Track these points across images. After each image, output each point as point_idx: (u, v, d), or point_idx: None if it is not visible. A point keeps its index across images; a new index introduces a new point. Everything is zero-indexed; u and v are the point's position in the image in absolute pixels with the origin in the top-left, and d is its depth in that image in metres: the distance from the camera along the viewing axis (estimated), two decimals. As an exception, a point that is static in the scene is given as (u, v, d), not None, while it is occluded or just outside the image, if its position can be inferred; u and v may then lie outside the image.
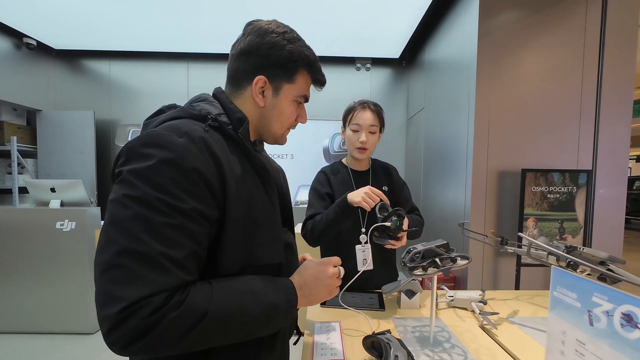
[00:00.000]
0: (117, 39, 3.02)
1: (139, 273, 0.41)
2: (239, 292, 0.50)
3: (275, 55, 0.58)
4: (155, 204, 0.43)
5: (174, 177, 0.45)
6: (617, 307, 0.46)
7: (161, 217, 0.43)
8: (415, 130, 3.18)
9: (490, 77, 1.83)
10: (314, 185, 1.20)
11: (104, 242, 0.43)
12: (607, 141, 1.83)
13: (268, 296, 0.52)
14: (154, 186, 0.44)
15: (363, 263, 1.09)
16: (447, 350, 0.76)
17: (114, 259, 0.41)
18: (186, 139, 0.48)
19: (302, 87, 0.63)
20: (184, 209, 0.45)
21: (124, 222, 0.43)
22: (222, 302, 0.47)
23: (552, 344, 0.58)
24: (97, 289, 0.42)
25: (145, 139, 0.47)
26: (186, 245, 0.45)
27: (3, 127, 2.91)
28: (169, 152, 0.46)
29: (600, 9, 1.81)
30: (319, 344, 0.78)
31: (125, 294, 0.40)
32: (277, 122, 0.63)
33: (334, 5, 2.41)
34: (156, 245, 0.42)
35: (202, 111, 0.55)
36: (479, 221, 1.86)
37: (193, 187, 0.46)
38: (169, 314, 0.41)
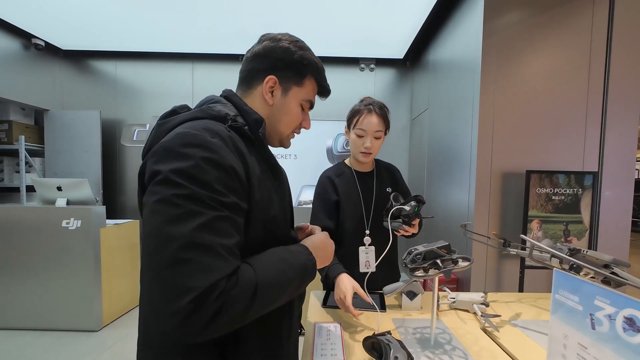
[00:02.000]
0: (123, 39, 3.06)
1: (206, 263, 0.45)
2: (274, 262, 0.55)
3: (287, 59, 0.63)
4: (206, 200, 0.47)
5: (217, 174, 0.49)
6: (619, 310, 0.46)
7: (213, 212, 0.47)
8: (419, 130, 3.17)
9: (495, 78, 1.82)
10: (319, 193, 1.16)
11: (162, 239, 0.45)
12: (614, 143, 1.81)
13: (296, 259, 0.59)
14: (201, 184, 0.47)
15: (366, 265, 1.09)
16: (448, 352, 0.75)
17: (179, 253, 0.44)
18: (219, 139, 0.52)
19: (309, 92, 0.68)
20: (228, 203, 0.49)
21: (179, 219, 0.45)
22: (265, 273, 0.52)
23: (553, 348, 0.58)
24: (161, 285, 0.44)
25: (183, 140, 0.49)
26: (234, 234, 0.50)
27: (12, 127, 2.96)
28: (208, 151, 0.49)
29: (608, 9, 1.79)
30: (319, 345, 0.78)
31: (197, 283, 0.43)
32: (284, 121, 0.67)
33: (338, 5, 2.41)
34: (213, 237, 0.46)
35: (221, 112, 0.58)
36: (483, 223, 1.85)
37: (232, 183, 0.51)
38: (231, 292, 0.46)
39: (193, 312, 0.43)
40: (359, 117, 1.09)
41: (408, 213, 0.91)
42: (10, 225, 2.22)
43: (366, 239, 1.11)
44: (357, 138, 1.10)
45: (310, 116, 0.73)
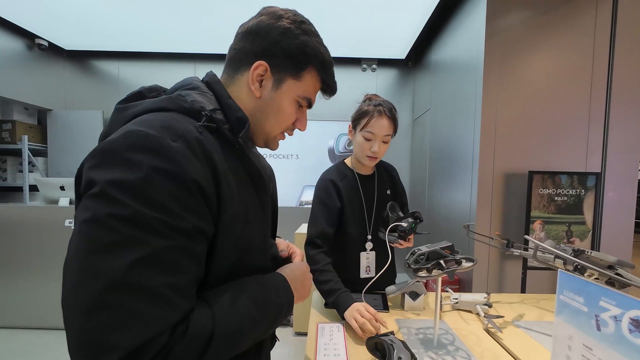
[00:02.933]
0: (126, 39, 3.07)
1: (138, 312, 0.33)
2: (239, 302, 0.45)
3: (285, 43, 0.50)
4: (152, 225, 0.36)
5: (172, 190, 0.37)
6: (625, 312, 0.46)
7: (161, 240, 0.36)
8: (421, 131, 3.17)
9: (498, 78, 1.82)
10: (322, 198, 1.09)
11: (83, 274, 0.34)
12: (617, 143, 1.80)
13: (270, 298, 0.49)
14: (148, 203, 0.36)
15: (367, 271, 1.09)
16: (451, 353, 0.75)
17: (102, 297, 0.33)
18: (182, 142, 0.40)
19: (309, 88, 0.55)
20: (185, 228, 0.38)
21: (112, 248, 0.34)
22: (225, 317, 0.42)
23: (558, 349, 0.58)
24: (76, 336, 0.33)
25: (131, 140, 0.38)
26: (189, 269, 0.39)
27: (15, 126, 2.97)
28: (164, 160, 0.38)
29: (611, 9, 1.78)
30: (322, 345, 0.78)
31: (121, 341, 0.32)
32: (272, 119, 0.54)
33: (340, 5, 2.41)
34: (156, 275, 0.35)
35: (195, 104, 0.46)
36: (485, 223, 1.84)
37: (193, 201, 0.39)
38: (175, 349, 0.35)
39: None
40: (369, 119, 1.01)
41: (405, 229, 0.91)
42: (13, 225, 2.23)
43: (368, 244, 1.09)
44: (365, 141, 1.03)
45: (311, 116, 0.64)
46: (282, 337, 2.19)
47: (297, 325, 2.23)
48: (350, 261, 1.09)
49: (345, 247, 1.09)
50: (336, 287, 0.94)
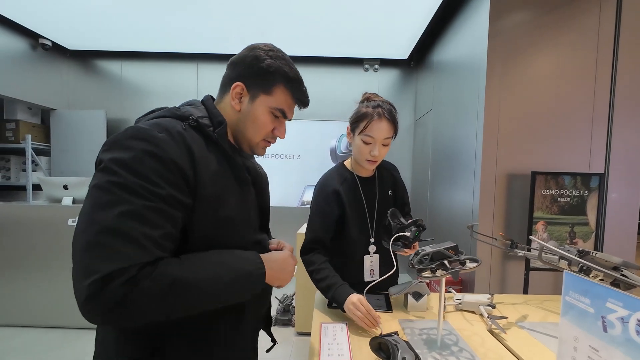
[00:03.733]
0: (129, 39, 3.08)
1: (118, 249, 0.45)
2: (208, 261, 0.55)
3: (255, 67, 0.64)
4: (137, 189, 0.48)
5: (154, 166, 0.50)
6: (632, 313, 0.45)
7: (142, 201, 0.48)
8: (423, 131, 3.16)
9: (501, 79, 1.81)
10: (320, 205, 1.06)
11: (86, 223, 0.47)
12: (621, 144, 1.79)
13: (237, 263, 0.58)
14: (136, 174, 0.48)
15: (370, 274, 1.08)
16: (454, 354, 0.75)
17: (96, 237, 0.45)
18: (166, 134, 0.53)
19: (280, 101, 0.67)
20: (162, 195, 0.50)
21: (106, 205, 0.47)
22: (192, 269, 0.52)
23: (564, 350, 0.58)
24: (75, 265, 0.46)
25: (130, 132, 0.52)
26: (164, 225, 0.50)
27: (18, 126, 2.98)
28: (150, 144, 0.51)
29: (615, 8, 1.78)
30: (326, 345, 0.78)
31: (102, 267, 0.44)
32: (250, 127, 0.67)
33: (342, 6, 2.41)
34: (136, 224, 0.47)
35: (185, 113, 0.60)
36: (488, 224, 1.84)
37: (170, 175, 0.51)
38: (141, 282, 0.46)
39: (93, 295, 0.43)
40: (368, 123, 0.97)
41: (409, 238, 0.91)
42: (16, 224, 2.24)
43: (371, 247, 1.08)
44: (364, 145, 0.99)
45: (313, 117, 0.73)
46: (283, 337, 2.20)
47: (298, 325, 2.23)
48: (354, 265, 1.07)
49: (348, 251, 1.07)
50: (332, 281, 0.95)
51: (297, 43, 3.06)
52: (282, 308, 2.41)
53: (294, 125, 3.27)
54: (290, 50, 3.28)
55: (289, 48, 3.23)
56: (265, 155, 3.30)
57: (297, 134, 3.29)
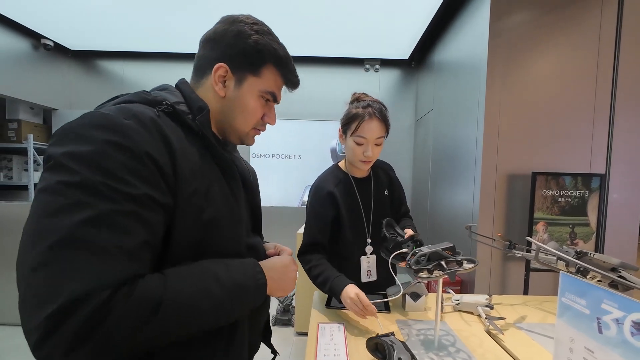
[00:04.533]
0: (131, 40, 3.09)
1: (80, 266, 0.35)
2: (198, 275, 0.45)
3: (240, 44, 0.55)
4: (101, 190, 0.37)
5: (122, 160, 0.39)
6: (627, 315, 0.45)
7: (108, 204, 0.37)
8: (423, 131, 3.16)
9: (501, 79, 1.81)
10: (315, 208, 1.05)
11: (32, 236, 0.36)
12: (622, 144, 1.79)
13: (233, 275, 0.48)
14: (98, 170, 0.38)
15: (367, 275, 1.08)
16: (452, 355, 0.75)
17: (47, 253, 0.34)
18: (134, 120, 0.42)
19: (269, 83, 0.58)
20: (136, 195, 0.40)
21: (59, 211, 0.36)
22: (179, 288, 0.41)
23: (560, 351, 0.57)
24: (22, 293, 0.35)
25: (87, 119, 0.41)
26: (139, 233, 0.40)
27: (20, 126, 3.00)
28: (116, 134, 0.40)
29: (616, 8, 1.77)
30: (323, 345, 0.79)
31: (62, 291, 0.33)
32: (240, 116, 0.58)
33: (343, 5, 2.41)
34: (102, 233, 0.36)
35: (158, 97, 0.50)
36: (488, 224, 1.83)
37: (144, 171, 0.41)
38: (116, 309, 0.35)
39: (50, 332, 0.32)
40: (359, 124, 0.96)
41: (407, 254, 0.91)
42: (18, 223, 2.25)
43: (368, 247, 1.07)
44: (357, 146, 0.99)
45: (314, 117, 0.69)
46: (283, 337, 2.20)
47: (298, 325, 2.23)
48: (351, 266, 1.07)
49: (345, 252, 1.07)
50: (328, 274, 0.94)
51: (298, 43, 3.06)
52: (281, 308, 2.41)
53: (294, 125, 3.27)
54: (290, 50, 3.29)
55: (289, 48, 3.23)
56: (266, 155, 3.34)
57: (297, 134, 3.29)
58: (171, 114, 0.49)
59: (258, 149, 3.28)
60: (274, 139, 3.28)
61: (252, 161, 3.27)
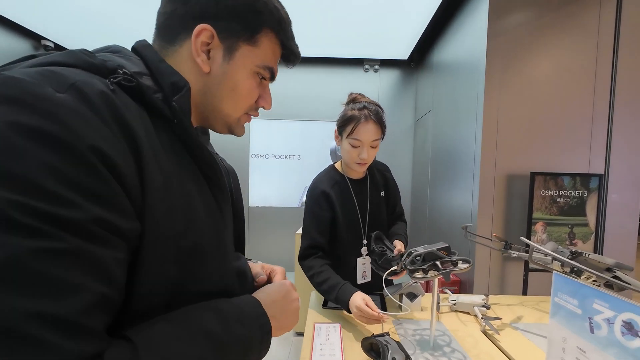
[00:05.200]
0: (131, 41, 3.10)
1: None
2: (182, 338, 0.31)
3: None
4: (12, 215, 0.22)
5: (53, 162, 0.24)
6: (618, 314, 0.45)
7: (29, 241, 0.22)
8: (422, 132, 3.16)
9: (500, 79, 1.81)
10: (312, 209, 1.05)
11: None
12: (621, 145, 1.78)
13: (230, 329, 0.35)
14: (6, 180, 0.23)
15: (363, 276, 1.07)
16: (447, 355, 0.75)
17: None
18: (73, 94, 0.26)
19: (268, 55, 0.43)
20: (79, 221, 0.25)
21: None
22: (159, 355, 0.29)
23: (552, 351, 0.58)
24: None
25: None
26: (85, 286, 0.25)
27: (21, 126, 3.01)
28: (34, 114, 0.24)
29: (615, 8, 1.77)
30: (318, 345, 0.79)
31: None
32: (229, 99, 0.42)
33: (342, 6, 2.42)
34: (20, 298, 0.22)
35: (109, 63, 0.33)
36: (487, 225, 1.83)
37: (92, 180, 0.26)
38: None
39: None
40: (354, 126, 0.95)
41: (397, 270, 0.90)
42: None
43: (363, 249, 1.06)
44: (352, 148, 0.98)
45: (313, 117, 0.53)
46: (282, 338, 2.20)
47: (297, 326, 2.23)
48: (346, 267, 1.06)
49: (340, 253, 1.06)
50: (334, 282, 0.93)
51: (297, 43, 3.07)
52: (281, 308, 2.41)
53: (294, 125, 3.28)
54: (290, 51, 3.29)
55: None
56: (265, 155, 3.34)
57: (297, 135, 3.29)
58: (131, 89, 0.32)
59: (257, 149, 3.29)
60: (273, 140, 3.28)
61: (252, 161, 3.28)
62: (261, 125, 3.23)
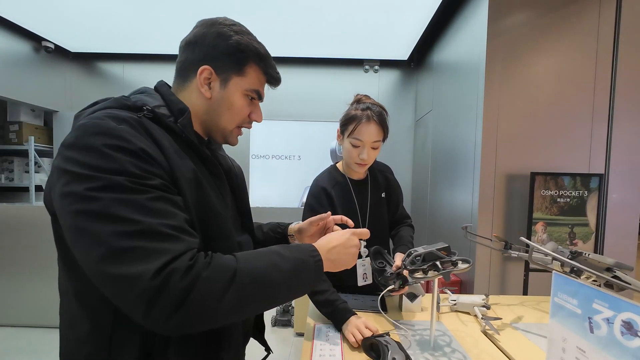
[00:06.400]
0: (131, 42, 3.10)
1: (151, 247, 0.39)
2: (262, 253, 0.50)
3: (222, 45, 0.56)
4: (128, 185, 0.41)
5: (128, 159, 0.43)
6: (617, 314, 0.45)
7: (140, 195, 0.41)
8: (423, 132, 3.16)
9: (500, 79, 1.81)
10: (312, 206, 1.04)
11: (88, 240, 0.40)
12: (621, 144, 1.78)
13: (293, 253, 0.52)
14: (113, 171, 0.41)
15: (363, 278, 1.07)
16: (447, 355, 0.75)
17: (114, 246, 0.39)
18: (126, 125, 0.46)
19: (254, 81, 0.60)
20: (154, 184, 0.44)
21: (102, 211, 0.39)
22: (249, 261, 0.47)
23: (552, 351, 0.58)
24: (105, 282, 0.40)
25: (83, 130, 0.44)
26: (177, 213, 0.44)
27: (22, 128, 3.02)
28: (112, 138, 0.43)
29: (615, 9, 1.77)
30: (318, 346, 0.79)
31: (147, 267, 0.38)
32: (226, 115, 0.60)
33: (342, 6, 2.42)
34: (151, 219, 0.41)
35: (138, 102, 0.51)
36: (487, 225, 1.83)
37: (148, 166, 0.44)
38: (202, 273, 0.41)
39: (159, 292, 0.38)
40: (356, 125, 0.96)
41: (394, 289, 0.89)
42: (19, 224, 2.27)
43: (363, 250, 1.07)
44: (353, 148, 0.98)
45: (313, 118, 0.70)
46: (282, 338, 2.20)
47: (298, 326, 2.23)
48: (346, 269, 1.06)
49: None
50: (332, 298, 0.91)
51: (297, 44, 3.07)
52: (281, 309, 2.41)
53: (293, 126, 3.28)
54: (289, 51, 3.31)
55: (289, 49, 3.25)
56: (265, 156, 3.35)
57: (297, 135, 3.29)
58: (152, 118, 0.51)
59: (258, 150, 3.29)
60: (273, 140, 3.29)
61: (252, 162, 3.28)
62: (261, 126, 3.23)
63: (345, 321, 0.85)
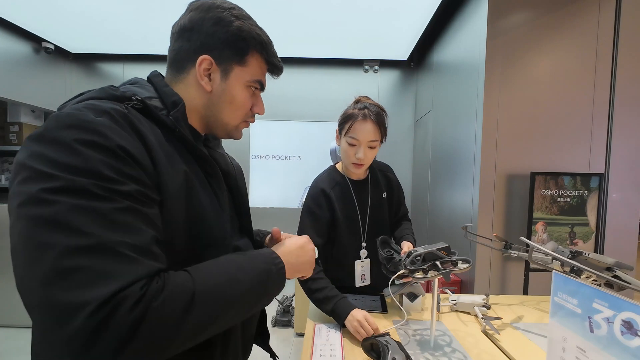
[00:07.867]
0: (131, 42, 3.11)
1: (100, 269, 0.33)
2: (220, 266, 0.45)
3: (221, 32, 0.51)
4: (91, 189, 0.35)
5: (101, 158, 0.36)
6: (617, 314, 0.46)
7: (104, 203, 0.35)
8: (423, 132, 3.16)
9: (499, 79, 1.81)
10: (311, 208, 1.03)
11: (33, 251, 0.33)
12: (621, 144, 1.78)
13: (253, 263, 0.48)
14: (80, 171, 0.35)
15: (362, 279, 1.07)
16: (447, 355, 0.75)
17: (59, 263, 0.32)
18: (107, 117, 0.39)
19: (256, 71, 0.55)
20: (126, 191, 0.37)
21: (54, 218, 0.33)
22: (206, 279, 0.41)
23: (552, 351, 0.58)
24: (39, 311, 0.33)
25: (54, 122, 0.37)
26: (144, 229, 0.38)
27: (22, 128, 3.02)
28: (86, 132, 0.37)
29: (614, 9, 1.77)
30: (319, 346, 0.79)
31: (90, 295, 0.32)
32: (228, 110, 0.55)
33: (342, 7, 2.42)
34: (110, 234, 0.34)
35: (127, 92, 0.46)
36: (487, 225, 1.83)
37: (125, 167, 0.38)
38: (152, 303, 0.35)
39: (99, 329, 0.31)
40: (352, 124, 0.95)
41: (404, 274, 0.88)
42: (20, 225, 2.27)
43: (362, 251, 1.05)
44: (349, 147, 0.97)
45: (313, 118, 0.66)
46: (283, 338, 2.20)
47: (298, 326, 2.23)
48: (345, 269, 1.05)
49: (340, 256, 1.05)
50: (331, 294, 0.91)
51: (297, 44, 3.07)
52: (281, 309, 2.41)
53: (293, 126, 3.28)
54: (289, 51, 3.31)
55: (288, 49, 3.25)
56: (265, 156, 3.35)
57: (296, 135, 3.29)
58: (142, 110, 0.45)
59: (258, 150, 3.29)
60: (273, 141, 3.29)
61: (252, 162, 3.28)
62: (261, 127, 3.23)
63: (347, 315, 0.85)
